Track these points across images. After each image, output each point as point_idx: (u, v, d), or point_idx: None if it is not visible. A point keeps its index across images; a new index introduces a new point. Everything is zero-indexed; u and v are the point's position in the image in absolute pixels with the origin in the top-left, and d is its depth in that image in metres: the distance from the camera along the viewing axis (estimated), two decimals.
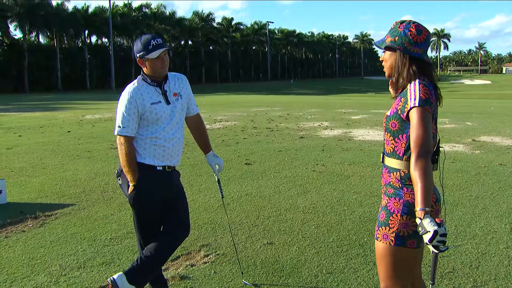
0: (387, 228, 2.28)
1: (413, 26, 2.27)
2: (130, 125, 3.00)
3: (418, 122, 2.10)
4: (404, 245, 2.22)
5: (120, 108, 3.03)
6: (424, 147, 2.07)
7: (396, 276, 2.30)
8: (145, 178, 3.05)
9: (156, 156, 3.08)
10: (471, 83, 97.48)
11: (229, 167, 8.04)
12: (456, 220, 5.02)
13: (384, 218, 2.31)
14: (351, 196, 6.08)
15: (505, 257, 4.04)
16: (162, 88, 3.10)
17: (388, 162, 2.33)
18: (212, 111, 20.89)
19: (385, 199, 2.35)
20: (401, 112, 2.22)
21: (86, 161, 8.84)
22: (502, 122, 14.99)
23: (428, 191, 2.02)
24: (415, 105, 2.13)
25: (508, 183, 6.65)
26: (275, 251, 4.26)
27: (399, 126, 2.24)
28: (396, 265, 2.28)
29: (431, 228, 1.91)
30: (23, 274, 3.82)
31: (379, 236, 2.32)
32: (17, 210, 5.56)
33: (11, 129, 14.59)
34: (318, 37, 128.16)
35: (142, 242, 3.19)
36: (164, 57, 3.05)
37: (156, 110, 3.03)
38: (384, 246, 2.29)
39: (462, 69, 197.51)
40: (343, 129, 13.74)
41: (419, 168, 2.04)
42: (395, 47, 2.28)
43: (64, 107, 26.89)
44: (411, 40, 2.25)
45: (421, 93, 2.15)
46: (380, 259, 2.34)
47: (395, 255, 2.26)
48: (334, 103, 28.17)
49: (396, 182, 2.28)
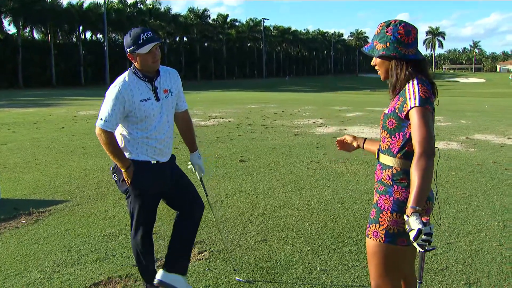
0: (377, 225, 2.28)
1: (401, 27, 2.22)
2: (112, 120, 2.94)
3: (420, 122, 2.09)
4: (394, 242, 2.23)
5: (106, 101, 2.97)
6: (427, 146, 2.05)
7: (386, 274, 2.30)
8: (141, 171, 3.06)
9: (149, 154, 3.08)
10: (465, 81, 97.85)
11: (223, 164, 8.04)
12: (450, 218, 5.05)
13: (374, 216, 2.31)
14: (346, 193, 6.09)
15: (498, 254, 4.07)
16: (153, 84, 3.04)
17: (382, 159, 2.34)
18: (207, 108, 20.86)
19: (376, 196, 2.36)
20: (399, 111, 2.21)
21: (80, 158, 8.81)
22: (496, 120, 15.06)
23: (423, 191, 2.02)
24: (416, 105, 2.12)
25: (501, 181, 6.68)
26: (269, 248, 4.26)
27: (396, 124, 2.24)
28: (386, 262, 2.28)
29: (416, 226, 1.91)
30: (16, 271, 3.81)
31: (369, 233, 2.32)
32: (11, 207, 5.54)
33: (5, 125, 14.51)
34: (313, 34, 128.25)
35: (143, 233, 3.18)
36: (155, 51, 2.96)
37: (145, 107, 2.99)
38: (375, 243, 2.29)
39: (456, 67, 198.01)
40: (338, 127, 13.76)
41: (420, 168, 2.02)
42: (390, 55, 2.24)
43: (58, 103, 26.76)
44: (403, 42, 2.22)
45: (421, 93, 2.14)
46: (370, 257, 2.34)
47: (385, 253, 2.27)
48: (329, 101, 28.20)
49: (387, 180, 2.28)
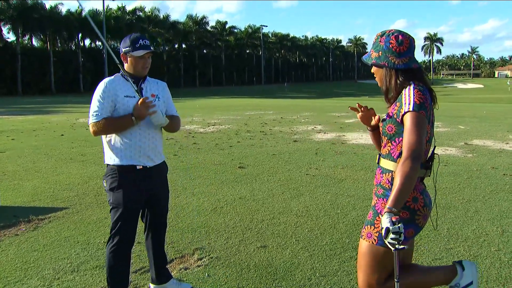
0: (372, 227, 2.36)
1: (393, 38, 2.29)
2: (102, 113, 3.02)
3: (411, 127, 2.14)
4: (385, 245, 2.25)
5: (95, 97, 3.06)
6: (414, 151, 2.10)
7: (374, 273, 2.38)
8: (126, 180, 3.07)
9: (132, 156, 3.08)
10: (464, 87, 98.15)
11: (222, 171, 8.05)
12: (449, 223, 5.06)
13: (371, 218, 2.39)
14: (344, 200, 6.10)
15: (497, 259, 4.08)
16: (138, 86, 3.14)
17: (383, 164, 2.39)
18: (206, 115, 20.88)
19: (374, 199, 2.42)
20: (396, 116, 2.27)
21: (79, 165, 8.81)
22: (494, 126, 15.09)
23: (402, 194, 2.07)
24: (409, 110, 2.17)
25: (500, 187, 6.70)
26: (269, 254, 4.27)
27: (396, 129, 2.28)
28: (376, 263, 2.36)
29: (385, 224, 1.99)
30: (16, 278, 3.81)
31: (363, 234, 2.40)
32: (10, 214, 5.54)
33: (4, 132, 14.52)
34: (312, 40, 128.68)
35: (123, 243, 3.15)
36: (147, 58, 3.14)
37: (128, 103, 3.06)
38: (367, 244, 2.37)
39: (455, 73, 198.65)
40: (336, 133, 13.79)
41: (403, 171, 2.08)
42: (380, 64, 2.32)
43: (57, 110, 26.80)
44: (394, 52, 2.28)
45: (416, 98, 2.18)
46: (361, 256, 2.42)
47: (376, 254, 2.34)
48: (327, 107, 28.25)
49: (386, 183, 2.33)
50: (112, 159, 3.11)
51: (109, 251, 3.14)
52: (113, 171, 3.09)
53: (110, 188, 3.09)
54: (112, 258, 3.14)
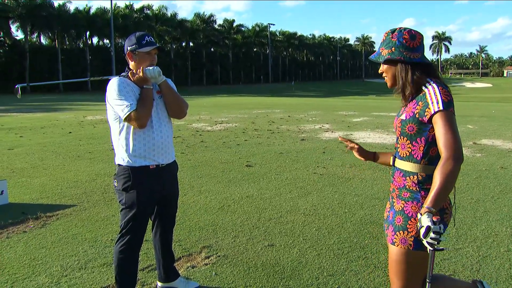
0: (405, 232, 2.25)
1: (405, 33, 2.25)
2: (134, 101, 2.97)
3: (446, 127, 2.09)
4: (423, 248, 2.16)
5: (116, 94, 2.99)
6: (456, 151, 2.06)
7: (410, 279, 2.28)
8: (139, 181, 3.06)
9: (146, 156, 3.06)
10: (472, 86, 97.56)
11: (230, 169, 8.05)
12: (457, 223, 5.02)
13: (401, 223, 2.27)
14: (352, 199, 6.08)
15: (506, 260, 4.04)
16: None
17: (402, 166, 2.31)
18: (213, 113, 20.90)
19: (400, 203, 2.32)
20: (419, 115, 2.20)
21: (87, 162, 8.85)
22: (503, 125, 14.99)
23: (443, 194, 2.01)
24: (440, 109, 2.12)
25: (509, 187, 6.64)
26: (276, 253, 4.26)
27: (417, 129, 2.22)
28: (413, 268, 2.26)
29: (426, 223, 1.92)
30: (24, 275, 3.82)
31: (396, 240, 2.28)
32: (19, 211, 5.57)
33: (13, 130, 14.61)
34: (319, 39, 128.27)
35: (134, 242, 3.16)
36: (154, 55, 3.14)
37: None
38: (402, 250, 2.25)
39: (463, 72, 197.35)
40: (344, 132, 13.75)
41: (445, 171, 2.02)
42: (395, 59, 2.26)
43: (65, 108, 26.94)
44: (408, 47, 2.24)
45: (443, 96, 2.14)
46: (395, 264, 2.30)
47: (413, 259, 2.24)
48: (335, 106, 28.19)
49: (413, 186, 2.25)
50: (124, 160, 3.08)
51: (118, 250, 3.13)
52: (125, 171, 3.07)
53: (123, 188, 3.07)
54: (121, 257, 3.13)
